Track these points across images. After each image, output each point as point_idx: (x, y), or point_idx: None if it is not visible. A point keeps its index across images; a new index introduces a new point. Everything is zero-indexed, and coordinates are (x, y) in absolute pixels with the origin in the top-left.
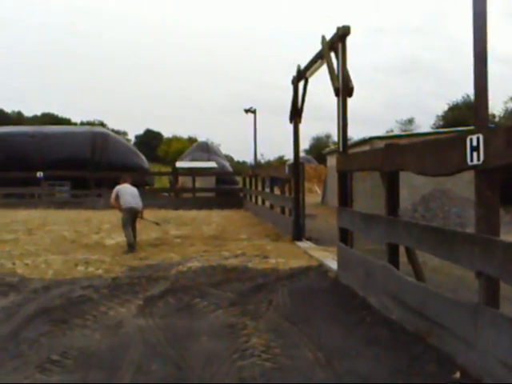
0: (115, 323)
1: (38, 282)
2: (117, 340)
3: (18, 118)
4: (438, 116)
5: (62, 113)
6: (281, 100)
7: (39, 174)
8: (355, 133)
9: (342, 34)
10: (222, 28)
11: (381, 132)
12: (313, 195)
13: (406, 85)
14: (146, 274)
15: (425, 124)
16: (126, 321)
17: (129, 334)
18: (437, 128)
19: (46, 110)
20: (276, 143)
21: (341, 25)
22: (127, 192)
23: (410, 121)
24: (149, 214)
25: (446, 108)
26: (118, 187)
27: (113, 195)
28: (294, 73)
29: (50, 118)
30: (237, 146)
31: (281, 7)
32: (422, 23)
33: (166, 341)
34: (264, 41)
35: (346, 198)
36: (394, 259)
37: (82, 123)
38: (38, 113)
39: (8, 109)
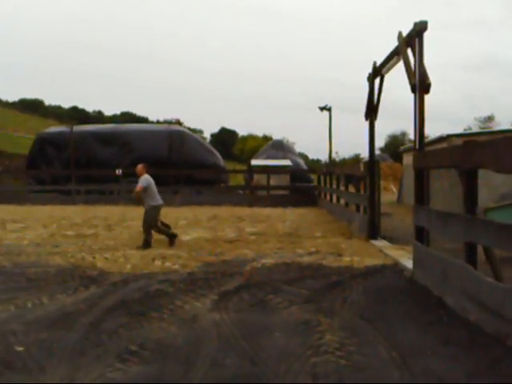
0: (191, 317)
1: (116, 276)
2: (192, 333)
3: (98, 117)
4: None
5: (140, 112)
6: (355, 98)
7: (118, 171)
8: (432, 130)
9: (419, 29)
10: (296, 27)
11: (458, 130)
12: (388, 193)
13: (483, 82)
14: (221, 269)
15: (505, 121)
16: (201, 315)
17: (204, 328)
18: None
19: (125, 109)
20: (350, 141)
21: (417, 20)
22: (155, 187)
23: (490, 118)
24: (225, 212)
25: None
26: (150, 178)
27: (143, 184)
28: (368, 70)
29: (128, 117)
30: (311, 144)
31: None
32: (496, 18)
33: (240, 335)
34: (338, 39)
35: (422, 195)
36: (471, 258)
37: (159, 122)
38: (118, 112)
39: (89, 108)
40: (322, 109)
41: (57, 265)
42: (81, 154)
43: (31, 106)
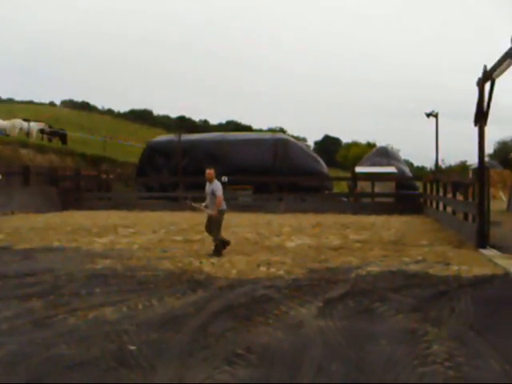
0: (296, 323)
1: (223, 281)
2: (298, 339)
3: (204, 126)
4: None
5: (244, 120)
6: (461, 104)
7: (224, 179)
8: None
9: None
10: (401, 32)
11: None
12: (497, 202)
13: None
14: (325, 276)
15: None
16: (306, 321)
17: (309, 334)
18: None
19: (230, 118)
20: (456, 148)
21: None
22: None
23: None
24: (329, 219)
25: None
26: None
27: (222, 192)
28: (478, 74)
29: (233, 126)
30: (416, 151)
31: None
32: None
33: (345, 342)
34: (446, 44)
35: None
36: None
37: (263, 130)
38: (223, 121)
39: (196, 118)
40: (428, 115)
41: (165, 269)
42: (188, 162)
43: (141, 117)
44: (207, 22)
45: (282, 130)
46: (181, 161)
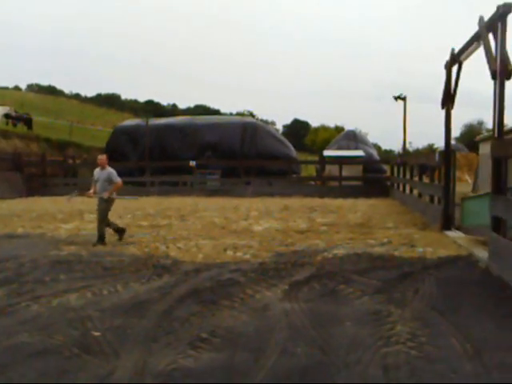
0: (261, 306)
1: (189, 265)
2: (263, 322)
3: (172, 110)
4: None
5: (213, 104)
6: (429, 87)
7: (192, 163)
8: (511, 119)
9: (503, 12)
10: (369, 16)
11: None
12: (463, 184)
13: None
14: (292, 259)
15: None
16: (271, 304)
17: (274, 317)
18: None
19: (199, 103)
20: (423, 132)
21: (501, 3)
22: None
23: None
24: (296, 203)
25: None
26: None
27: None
28: (443, 58)
29: (202, 110)
30: (384, 135)
31: None
32: None
33: (310, 325)
34: (410, 28)
35: (500, 185)
36: None
37: (232, 114)
38: (191, 105)
39: (164, 102)
40: (396, 98)
41: (131, 254)
42: (156, 147)
43: (108, 101)
44: (172, 5)
45: (250, 114)
46: (148, 145)
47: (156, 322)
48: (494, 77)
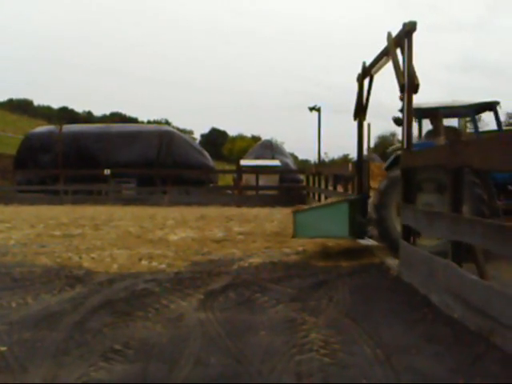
0: (176, 316)
1: (103, 275)
2: (177, 332)
3: (87, 118)
4: (508, 113)
5: (130, 112)
6: (344, 99)
7: (106, 172)
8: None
9: (409, 29)
10: (285, 28)
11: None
12: None
13: (468, 83)
14: (208, 268)
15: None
16: (186, 314)
17: (189, 327)
18: (507, 126)
19: (115, 110)
20: (340, 142)
21: (407, 21)
22: None
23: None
24: (213, 212)
25: None
26: None
27: None
28: (356, 71)
29: (118, 117)
30: (301, 145)
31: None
32: (478, 20)
33: (225, 334)
34: (328, 40)
35: (409, 195)
36: (457, 257)
37: (149, 122)
38: (107, 112)
39: (79, 109)
40: (311, 109)
41: (43, 265)
42: (70, 154)
43: (20, 107)
44: (87, 9)
45: (167, 122)
46: (61, 153)
47: (67, 334)
48: (402, 90)
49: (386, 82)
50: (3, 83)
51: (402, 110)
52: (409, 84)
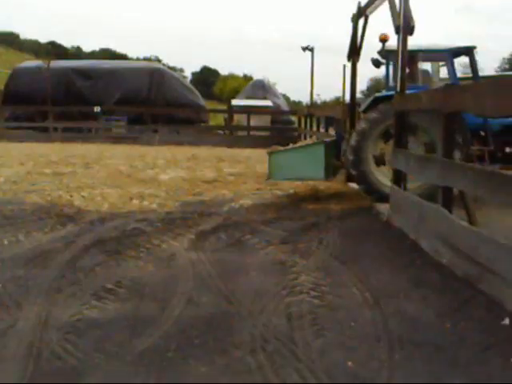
0: (167, 256)
1: (93, 214)
2: (168, 272)
3: (76, 53)
4: (503, 59)
5: (119, 49)
6: (338, 40)
7: (96, 109)
8: None
9: None
10: None
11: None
12: None
13: (462, 25)
14: (198, 209)
15: (489, 68)
16: (178, 254)
17: (180, 267)
18: (502, 71)
19: (104, 46)
20: (332, 84)
21: None
22: None
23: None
24: (204, 152)
25: None
26: None
27: None
28: (353, 10)
29: (108, 54)
30: (294, 86)
31: None
32: None
33: (216, 275)
34: None
35: (401, 139)
36: (447, 202)
37: (139, 59)
38: (97, 48)
39: (67, 44)
40: (304, 49)
41: (33, 203)
42: (58, 91)
43: (6, 40)
44: None
45: (158, 60)
46: (50, 89)
47: (60, 273)
48: (397, 32)
49: (384, 22)
50: None
51: (380, 52)
52: (404, 25)
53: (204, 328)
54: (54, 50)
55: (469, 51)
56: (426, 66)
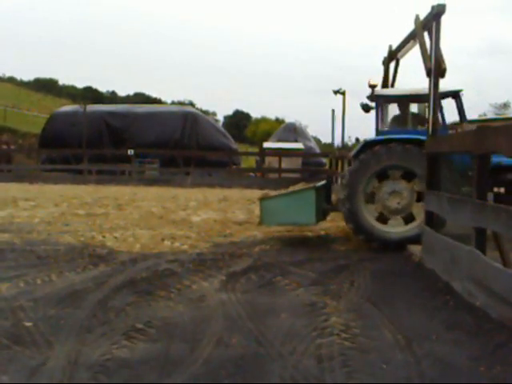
0: (198, 297)
1: (125, 255)
2: (199, 313)
3: (111, 98)
4: None
5: (153, 93)
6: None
7: (130, 152)
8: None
9: (437, 12)
10: (313, 12)
11: (472, 116)
12: None
13: (494, 67)
14: (229, 250)
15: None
16: (208, 295)
17: (211, 308)
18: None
19: (138, 90)
20: (363, 126)
21: (435, 3)
22: None
23: (506, 105)
24: (235, 194)
25: None
26: None
27: None
28: (380, 55)
29: (142, 98)
30: (324, 129)
31: None
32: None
33: (246, 316)
34: (354, 24)
35: (433, 181)
36: (480, 244)
37: (173, 103)
38: (131, 92)
39: (103, 89)
40: (336, 92)
41: (67, 243)
42: (93, 134)
43: (45, 86)
44: None
45: (191, 104)
46: (86, 132)
47: (91, 313)
48: (428, 75)
49: (412, 65)
50: (29, 63)
51: (369, 97)
52: (436, 68)
53: (233, 369)
54: (90, 94)
55: (455, 95)
56: (413, 108)
